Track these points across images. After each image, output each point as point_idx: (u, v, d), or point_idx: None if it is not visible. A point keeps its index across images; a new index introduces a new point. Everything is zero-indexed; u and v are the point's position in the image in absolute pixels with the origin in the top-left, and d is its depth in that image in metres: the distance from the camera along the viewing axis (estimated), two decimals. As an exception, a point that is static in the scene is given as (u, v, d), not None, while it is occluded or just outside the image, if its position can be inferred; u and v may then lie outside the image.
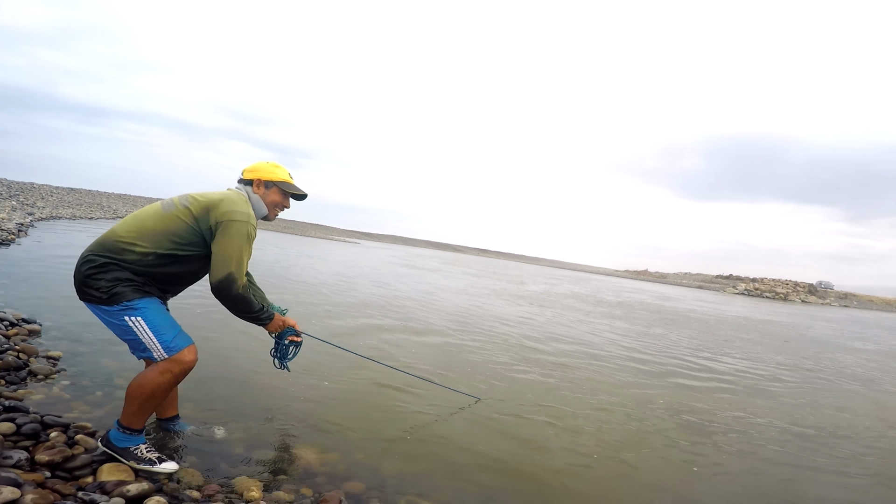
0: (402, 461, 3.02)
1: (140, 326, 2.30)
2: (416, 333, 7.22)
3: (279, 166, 2.77)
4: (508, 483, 2.94)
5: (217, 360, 4.42)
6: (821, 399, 6.26)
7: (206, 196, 2.51)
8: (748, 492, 3.28)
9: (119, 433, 2.38)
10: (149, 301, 2.37)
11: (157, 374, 2.31)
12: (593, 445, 3.70)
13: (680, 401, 5.31)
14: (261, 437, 3.07)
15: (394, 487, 2.71)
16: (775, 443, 4.30)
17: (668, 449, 3.84)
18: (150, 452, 2.40)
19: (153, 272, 2.41)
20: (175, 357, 2.33)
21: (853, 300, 78.91)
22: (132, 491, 2.08)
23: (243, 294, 2.47)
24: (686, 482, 3.30)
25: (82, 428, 2.66)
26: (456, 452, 3.23)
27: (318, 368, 4.67)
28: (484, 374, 5.27)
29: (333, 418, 3.52)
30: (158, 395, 2.32)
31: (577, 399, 4.84)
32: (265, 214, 2.74)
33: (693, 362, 7.79)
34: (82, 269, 2.34)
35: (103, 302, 2.30)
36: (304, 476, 2.69)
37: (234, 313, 2.58)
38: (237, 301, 2.48)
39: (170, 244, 2.42)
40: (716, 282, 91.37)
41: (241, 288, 2.44)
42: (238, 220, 2.44)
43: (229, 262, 2.40)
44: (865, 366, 9.78)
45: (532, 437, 3.71)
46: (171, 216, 2.44)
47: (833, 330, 18.50)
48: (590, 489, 3.02)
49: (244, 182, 2.72)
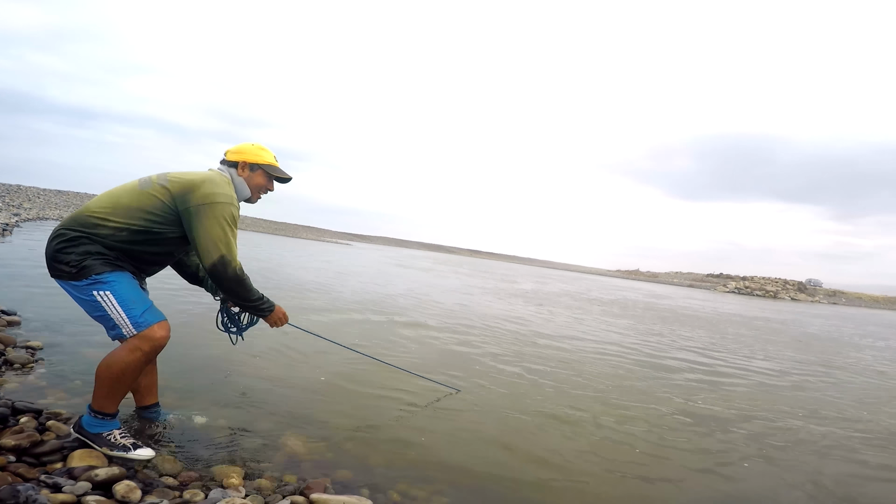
0: (389, 451, 2.92)
1: (108, 301, 2.18)
2: (403, 327, 7.14)
3: (265, 149, 2.69)
4: (497, 473, 2.82)
5: (200, 350, 4.31)
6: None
7: (186, 176, 2.41)
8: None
9: (91, 418, 2.26)
10: (119, 275, 2.25)
11: (126, 353, 2.19)
12: (579, 439, 3.62)
13: (722, 399, 5.25)
14: (243, 425, 2.95)
15: (383, 476, 2.61)
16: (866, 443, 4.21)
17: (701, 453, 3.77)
18: (125, 438, 2.28)
19: (126, 248, 2.30)
20: (144, 333, 2.21)
21: (841, 297, 79.80)
22: (101, 475, 1.96)
23: (241, 275, 2.40)
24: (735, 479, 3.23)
25: (55, 414, 2.54)
26: (442, 443, 3.11)
27: (302, 360, 4.58)
28: (468, 367, 5.17)
29: (319, 409, 3.42)
30: (129, 375, 2.20)
31: (566, 393, 4.76)
32: (248, 197, 2.66)
33: (730, 361, 7.67)
34: (52, 244, 2.24)
35: (72, 276, 2.19)
36: (288, 464, 2.58)
37: (234, 300, 2.51)
38: (235, 282, 2.39)
39: (144, 221, 2.32)
40: (707, 280, 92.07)
41: (238, 269, 2.38)
42: (220, 202, 2.34)
43: (218, 244, 2.31)
44: (892, 364, 9.58)
45: (518, 429, 3.60)
46: (147, 194, 2.34)
47: (832, 327, 18.46)
48: (575, 482, 2.93)
49: (227, 164, 2.62)
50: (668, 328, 11.43)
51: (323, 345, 4.82)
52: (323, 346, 4.78)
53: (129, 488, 1.91)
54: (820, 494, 3.08)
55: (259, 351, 4.66)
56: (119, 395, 2.25)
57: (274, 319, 2.73)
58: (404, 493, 2.46)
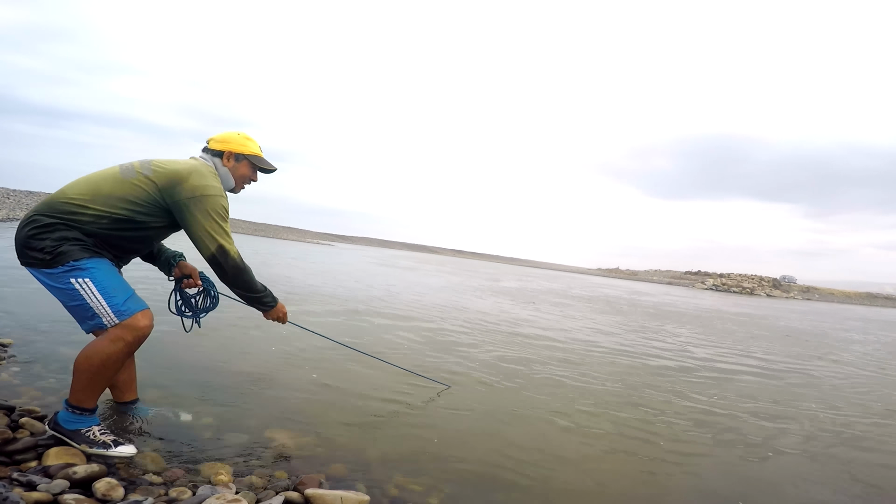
0: (383, 445, 2.83)
1: (88, 289, 2.05)
2: (390, 324, 7.03)
3: (250, 138, 2.60)
4: (492, 466, 2.75)
5: (184, 346, 4.16)
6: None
7: (170, 166, 2.30)
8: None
9: (68, 414, 2.12)
10: (99, 261, 2.12)
11: (107, 343, 2.06)
12: (575, 432, 3.58)
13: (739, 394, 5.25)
14: (231, 421, 2.83)
15: (378, 471, 2.51)
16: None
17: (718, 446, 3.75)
18: (105, 435, 2.16)
19: (105, 235, 2.18)
20: (127, 322, 2.08)
21: (815, 293, 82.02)
22: (80, 473, 1.84)
23: (241, 264, 2.34)
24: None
25: (30, 412, 2.39)
26: (435, 438, 3.02)
27: (291, 356, 4.46)
28: (458, 364, 5.10)
29: (308, 404, 3.31)
30: (109, 367, 2.07)
31: (561, 386, 4.73)
32: (232, 188, 2.57)
33: (728, 356, 7.71)
34: (24, 230, 2.10)
35: (46, 264, 2.05)
36: (278, 460, 2.47)
37: (236, 292, 2.43)
38: (238, 271, 2.33)
39: (126, 210, 2.20)
40: (685, 278, 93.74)
41: (238, 257, 2.31)
42: (211, 195, 2.27)
43: (214, 236, 2.25)
44: (885, 357, 9.69)
45: (511, 423, 3.55)
46: (130, 183, 2.22)
47: (814, 322, 18.77)
48: (572, 473, 2.88)
49: (211, 152, 2.51)
50: (655, 324, 11.53)
51: (312, 341, 4.72)
52: (312, 342, 4.67)
53: (111, 486, 1.80)
54: (850, 485, 3.06)
55: (245, 347, 4.53)
56: (98, 389, 2.12)
57: (275, 315, 2.66)
58: (402, 487, 2.38)
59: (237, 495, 1.79)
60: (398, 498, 2.29)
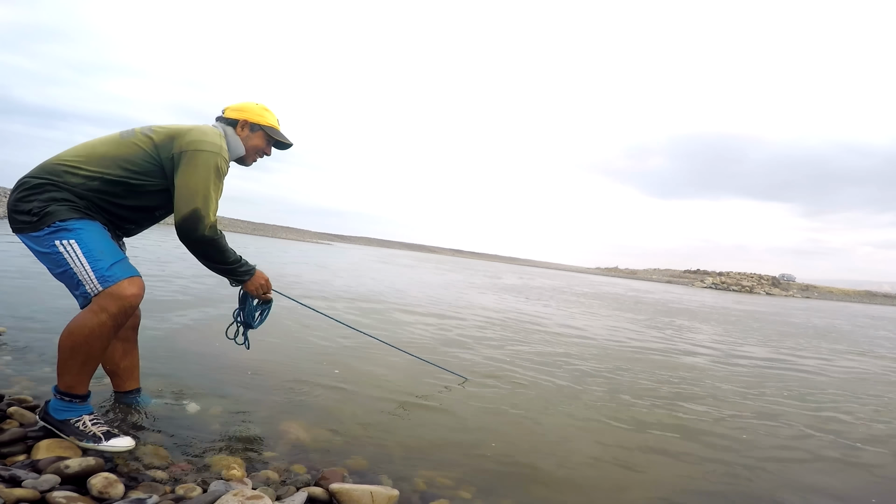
0: (403, 437, 2.61)
1: (72, 252, 1.82)
2: (399, 317, 6.82)
3: (268, 110, 2.41)
4: (516, 459, 2.53)
5: (189, 335, 3.96)
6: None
7: (173, 125, 2.14)
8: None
9: (58, 402, 1.89)
10: (88, 223, 1.90)
11: (89, 315, 1.82)
12: (592, 425, 3.36)
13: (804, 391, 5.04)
14: (241, 413, 2.61)
15: (401, 463, 2.30)
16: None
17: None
18: (97, 426, 1.91)
19: (98, 199, 1.97)
20: (111, 290, 1.83)
21: (814, 291, 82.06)
22: (73, 467, 1.61)
23: (212, 236, 2.04)
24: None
25: (20, 401, 2.17)
26: (456, 430, 2.81)
27: (302, 346, 4.25)
28: (469, 357, 4.88)
29: (321, 395, 3.10)
30: (95, 343, 1.83)
31: (584, 382, 4.51)
32: (241, 157, 2.35)
33: (777, 356, 7.52)
34: (14, 194, 1.91)
35: (33, 226, 1.84)
36: (293, 453, 2.24)
37: (205, 263, 2.14)
38: (205, 244, 2.04)
39: (120, 170, 2.00)
40: (684, 276, 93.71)
41: (209, 229, 2.02)
42: (206, 151, 2.05)
43: (194, 196, 1.99)
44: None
45: (533, 419, 3.31)
46: (128, 143, 2.05)
47: (824, 320, 18.42)
48: (585, 473, 2.66)
49: (224, 121, 2.33)
50: (669, 320, 11.32)
51: (324, 332, 4.50)
52: (324, 333, 4.46)
53: (108, 481, 1.57)
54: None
55: (254, 337, 4.31)
56: (87, 371, 1.88)
57: (255, 286, 2.36)
58: (430, 481, 2.16)
59: (256, 491, 1.55)
60: (427, 492, 2.07)
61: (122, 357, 2.34)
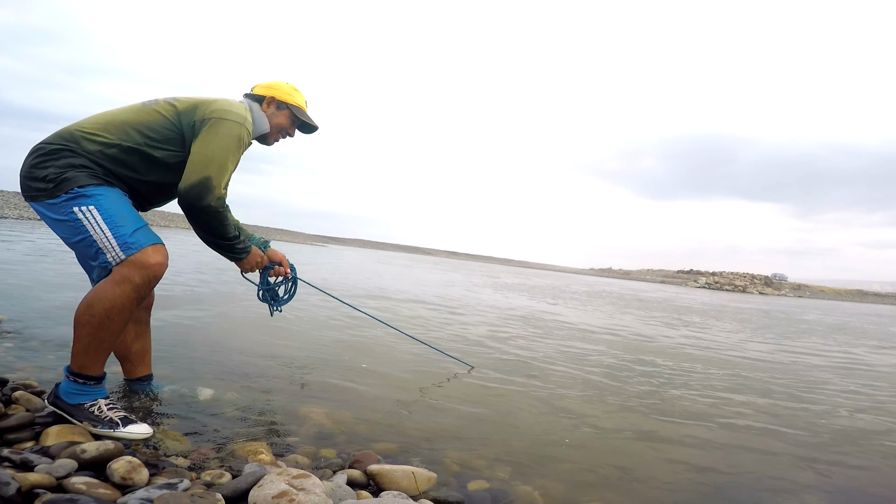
0: (425, 423, 2.50)
1: (92, 218, 1.70)
2: (404, 310, 6.69)
3: (298, 90, 2.32)
4: (543, 439, 2.45)
5: (200, 325, 3.84)
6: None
7: (198, 97, 2.04)
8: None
9: (71, 384, 1.75)
10: (107, 189, 1.79)
11: (110, 286, 1.69)
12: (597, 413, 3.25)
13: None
14: (258, 399, 2.49)
15: (429, 448, 2.18)
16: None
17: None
18: (114, 411, 1.78)
19: (114, 169, 1.85)
20: (134, 258, 1.70)
21: (806, 290, 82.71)
22: (90, 452, 1.46)
23: (217, 208, 1.90)
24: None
25: (26, 386, 2.03)
26: (480, 417, 2.68)
27: (316, 333, 4.14)
28: (472, 346, 4.77)
29: (339, 382, 2.99)
30: (116, 317, 1.69)
31: (583, 376, 4.40)
32: (265, 134, 2.25)
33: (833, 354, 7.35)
34: (29, 160, 1.79)
35: (49, 193, 1.72)
36: (319, 438, 2.12)
37: (203, 237, 2.00)
38: (209, 215, 1.90)
39: (139, 137, 1.89)
40: (678, 277, 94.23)
41: (216, 200, 1.88)
42: (230, 120, 1.95)
43: (209, 163, 1.87)
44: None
45: (554, 405, 3.21)
46: (150, 110, 1.95)
47: (830, 317, 18.39)
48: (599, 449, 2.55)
49: (252, 97, 2.25)
50: (678, 318, 11.25)
51: (339, 321, 4.36)
52: (339, 322, 4.32)
53: (132, 466, 1.43)
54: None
55: (265, 325, 4.19)
56: (104, 349, 1.74)
57: (251, 265, 2.24)
58: (463, 463, 2.05)
59: (302, 470, 1.41)
60: (463, 474, 1.96)
61: (133, 340, 2.21)
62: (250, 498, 1.29)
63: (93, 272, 1.95)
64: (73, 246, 1.79)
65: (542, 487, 1.90)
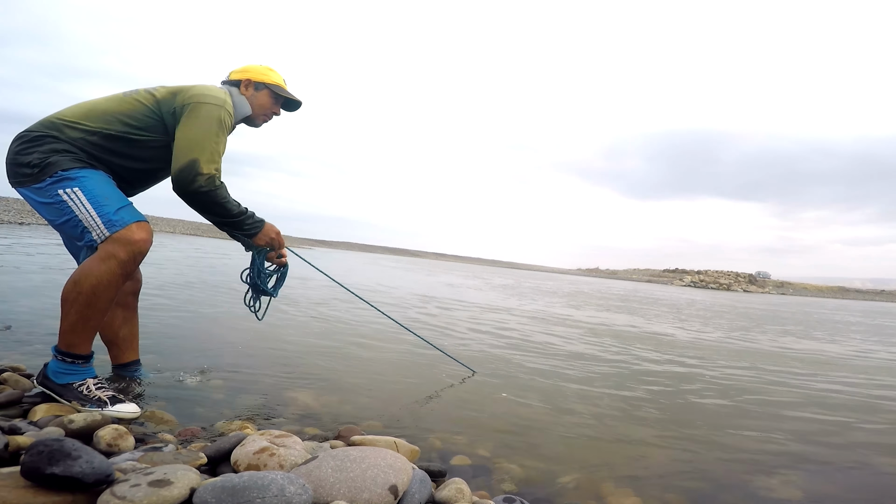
0: (411, 406, 2.57)
1: (76, 199, 1.75)
2: (413, 302, 6.73)
3: (273, 70, 2.36)
4: (533, 428, 2.49)
5: (185, 316, 3.85)
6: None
7: (177, 85, 2.09)
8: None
9: (59, 363, 1.79)
10: (91, 171, 1.84)
11: (97, 262, 1.73)
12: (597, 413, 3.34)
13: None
14: (243, 383, 2.54)
15: (414, 428, 2.24)
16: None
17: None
18: (102, 390, 1.83)
19: (98, 154, 1.91)
20: (119, 234, 1.75)
21: (789, 288, 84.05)
22: (77, 422, 1.51)
23: (209, 188, 1.94)
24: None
25: (14, 368, 2.07)
26: (467, 404, 2.72)
27: (299, 320, 4.16)
28: (472, 346, 4.85)
29: (324, 368, 3.05)
30: (102, 293, 1.73)
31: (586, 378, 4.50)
32: (248, 116, 2.29)
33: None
34: (13, 147, 1.84)
35: (34, 178, 1.78)
36: (304, 417, 2.18)
37: (208, 218, 2.06)
38: (202, 195, 1.95)
39: (120, 126, 1.95)
40: (663, 276, 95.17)
41: (206, 179, 1.93)
42: (209, 103, 2.00)
43: (193, 147, 1.92)
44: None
45: (551, 405, 3.29)
46: (130, 99, 2.00)
47: (832, 315, 18.50)
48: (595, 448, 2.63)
49: (229, 83, 2.28)
50: (679, 315, 11.42)
51: (335, 313, 4.40)
52: (335, 314, 4.36)
53: (119, 433, 1.47)
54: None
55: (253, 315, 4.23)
56: (91, 327, 1.79)
57: (265, 239, 2.25)
58: (445, 440, 2.12)
59: (282, 430, 1.47)
60: (445, 450, 2.03)
61: (121, 325, 2.25)
62: (233, 456, 1.35)
63: (80, 255, 1.99)
64: (59, 227, 1.84)
65: (522, 464, 1.96)
